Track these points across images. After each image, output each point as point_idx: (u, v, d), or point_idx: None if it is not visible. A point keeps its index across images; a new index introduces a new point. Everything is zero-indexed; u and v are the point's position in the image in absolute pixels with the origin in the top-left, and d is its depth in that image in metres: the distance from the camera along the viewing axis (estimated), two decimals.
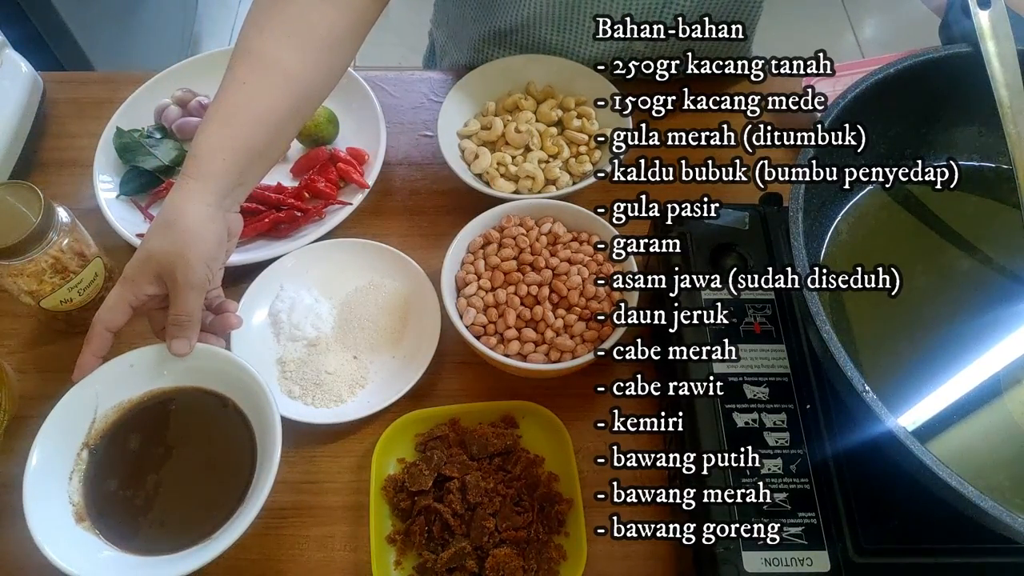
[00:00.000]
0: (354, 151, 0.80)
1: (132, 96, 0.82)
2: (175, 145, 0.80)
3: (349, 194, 0.77)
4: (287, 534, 0.60)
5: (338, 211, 0.75)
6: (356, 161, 0.79)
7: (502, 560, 0.55)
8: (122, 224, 0.73)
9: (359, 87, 0.84)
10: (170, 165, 0.79)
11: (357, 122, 0.83)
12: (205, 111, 0.74)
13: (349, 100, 0.83)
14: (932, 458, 0.40)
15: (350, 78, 0.84)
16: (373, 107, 0.82)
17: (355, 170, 0.78)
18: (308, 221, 0.75)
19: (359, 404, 0.65)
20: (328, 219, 0.75)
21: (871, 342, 0.54)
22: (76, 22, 1.48)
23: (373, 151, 0.79)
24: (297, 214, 0.75)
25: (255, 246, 0.75)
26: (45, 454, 0.55)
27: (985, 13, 0.56)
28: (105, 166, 0.77)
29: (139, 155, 0.78)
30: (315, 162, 0.79)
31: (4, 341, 0.70)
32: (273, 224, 0.75)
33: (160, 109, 0.82)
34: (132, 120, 0.81)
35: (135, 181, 0.77)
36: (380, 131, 0.80)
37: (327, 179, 0.77)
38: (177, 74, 0.85)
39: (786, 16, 2.03)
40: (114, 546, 0.54)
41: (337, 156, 0.79)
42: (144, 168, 0.77)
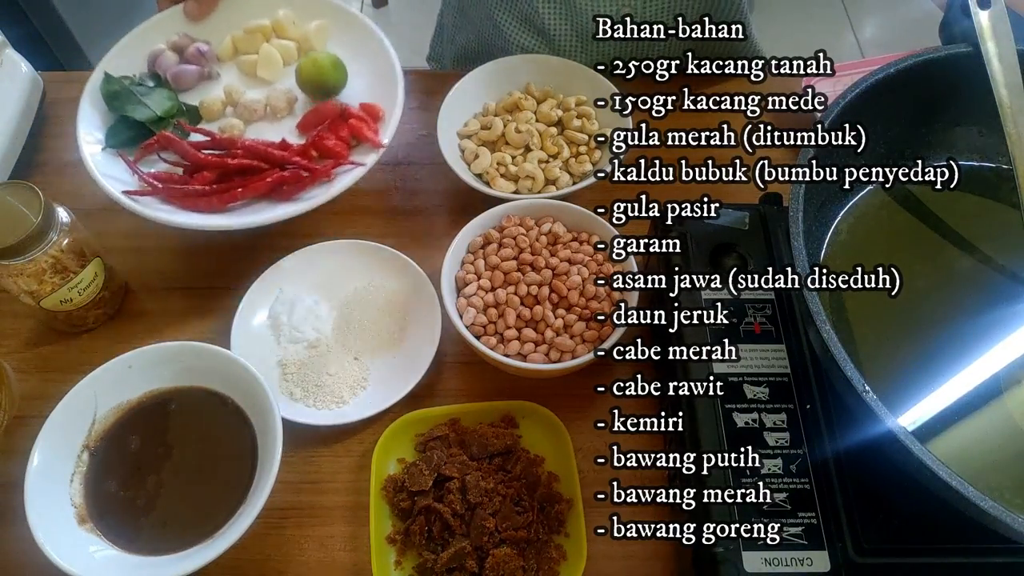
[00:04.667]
0: (368, 107, 0.72)
1: (122, 41, 0.76)
2: (169, 95, 0.74)
3: (361, 155, 0.70)
4: (287, 534, 0.60)
5: (348, 172, 0.68)
6: (371, 118, 0.71)
7: (502, 560, 0.55)
8: (108, 182, 0.66)
9: (370, 35, 0.76)
10: (163, 116, 0.71)
11: (370, 75, 0.75)
12: (203, 58, 0.74)
13: (358, 49, 0.76)
14: (932, 458, 0.40)
15: (359, 24, 0.77)
16: (387, 57, 0.74)
17: (368, 127, 0.70)
18: (315, 182, 0.68)
19: (360, 405, 0.65)
20: (337, 181, 0.67)
21: (871, 342, 0.54)
22: (76, 22, 1.48)
23: (389, 108, 0.71)
24: (303, 174, 0.67)
25: (255, 208, 0.68)
26: (45, 457, 0.55)
27: (985, 13, 0.56)
28: (91, 117, 0.71)
29: (129, 104, 0.71)
30: (324, 117, 0.71)
31: (4, 341, 0.70)
32: (276, 184, 0.67)
33: (154, 56, 0.76)
34: (122, 67, 0.74)
35: (123, 133, 0.70)
36: (396, 85, 0.71)
37: (337, 137, 0.69)
38: (172, 19, 0.78)
39: (786, 16, 2.03)
40: (116, 547, 0.54)
41: (349, 112, 0.71)
42: (134, 118, 0.70)
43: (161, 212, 0.66)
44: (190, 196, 0.67)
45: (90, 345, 0.69)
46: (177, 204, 0.67)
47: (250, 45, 0.78)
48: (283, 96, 0.75)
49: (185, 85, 0.76)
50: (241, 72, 0.79)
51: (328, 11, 0.80)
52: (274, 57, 0.77)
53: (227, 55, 0.79)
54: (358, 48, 0.76)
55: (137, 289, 0.73)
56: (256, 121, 0.75)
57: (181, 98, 0.75)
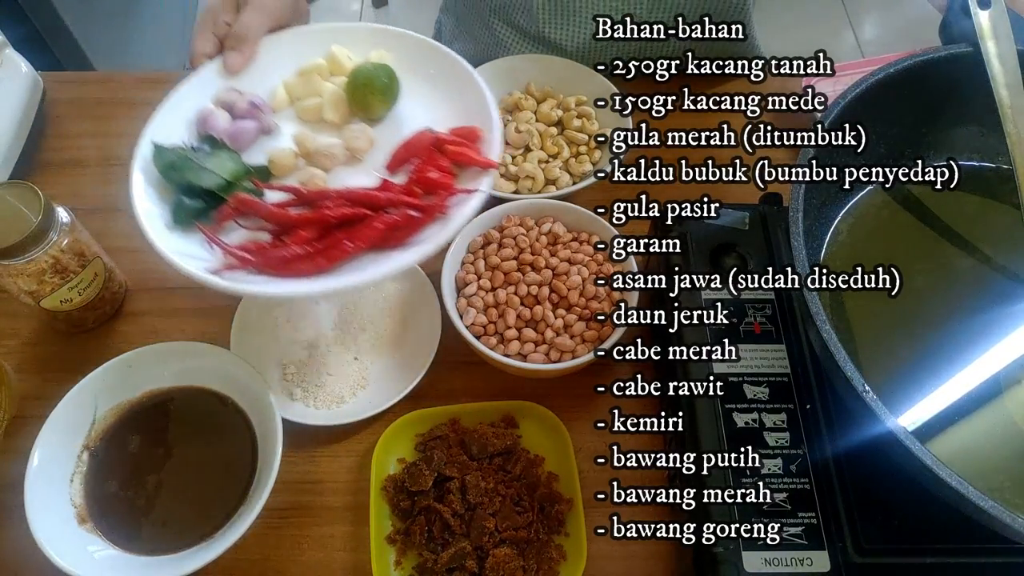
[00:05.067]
0: (461, 131, 0.63)
1: (162, 107, 0.65)
2: (231, 156, 0.64)
3: (464, 182, 0.61)
4: (287, 534, 0.60)
5: (463, 203, 0.59)
6: (469, 140, 0.63)
7: (502, 560, 0.55)
8: (186, 261, 0.55)
9: (435, 52, 0.68)
10: (231, 180, 0.62)
11: (442, 94, 0.67)
12: (259, 111, 0.65)
13: (422, 67, 0.68)
14: (932, 458, 0.40)
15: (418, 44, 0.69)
16: (462, 71, 0.66)
17: (471, 149, 0.62)
18: (431, 220, 0.58)
19: (360, 405, 0.65)
20: (454, 214, 0.58)
21: (871, 342, 0.54)
22: (76, 22, 1.48)
23: (481, 124, 0.63)
24: (413, 214, 0.58)
25: (366, 261, 0.57)
26: (45, 457, 0.55)
27: (985, 13, 0.56)
28: (148, 195, 0.60)
29: (190, 173, 0.61)
30: (415, 150, 0.63)
31: (4, 341, 0.70)
32: (388, 230, 0.58)
33: (202, 116, 0.65)
34: (165, 136, 0.63)
35: (190, 206, 0.60)
36: (484, 98, 0.64)
37: (438, 167, 0.61)
38: (210, 75, 0.67)
39: (786, 16, 2.03)
40: (116, 547, 0.54)
41: (443, 140, 0.62)
42: (199, 188, 0.60)
43: (261, 285, 0.55)
44: (291, 260, 0.56)
45: (90, 345, 0.69)
46: (274, 272, 0.57)
47: (307, 89, 0.69)
48: (362, 135, 0.65)
49: (244, 144, 0.66)
50: (300, 119, 0.68)
51: (379, 37, 0.70)
52: (342, 96, 0.68)
53: (281, 104, 0.68)
54: (422, 66, 0.68)
55: (137, 289, 0.73)
56: (334, 168, 0.65)
57: (244, 158, 0.65)
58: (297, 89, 0.69)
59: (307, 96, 0.69)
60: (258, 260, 0.57)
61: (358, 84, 0.65)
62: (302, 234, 0.58)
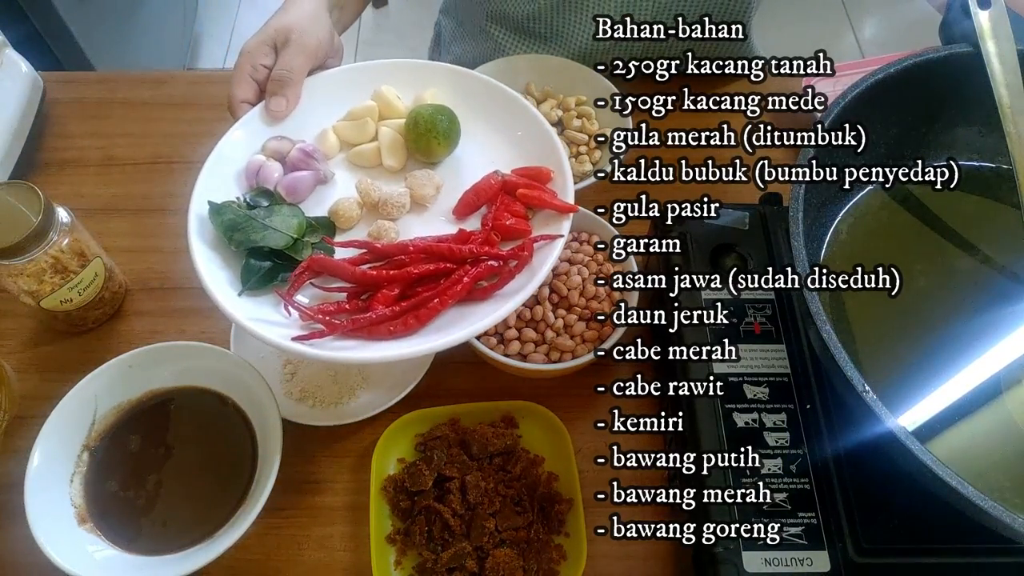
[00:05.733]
0: (528, 171, 0.61)
1: (209, 161, 0.60)
2: (292, 210, 0.60)
3: (540, 226, 0.59)
4: (287, 534, 0.60)
5: (546, 250, 0.57)
6: (538, 182, 0.60)
7: (502, 560, 0.55)
8: (262, 327, 0.53)
9: (487, 88, 0.65)
10: (298, 237, 0.58)
11: (501, 133, 0.65)
12: (313, 159, 0.62)
13: (469, 103, 0.65)
14: (932, 458, 0.40)
15: (470, 79, 0.67)
16: (519, 107, 0.64)
17: (545, 192, 0.59)
18: (520, 269, 0.56)
19: (360, 405, 0.65)
20: (541, 263, 0.56)
21: (871, 342, 0.54)
22: (76, 22, 1.48)
23: (550, 164, 0.61)
24: (494, 264, 0.56)
25: (450, 319, 0.55)
26: (46, 457, 0.55)
27: (985, 13, 0.56)
28: (209, 258, 0.57)
29: (254, 232, 0.57)
30: (485, 195, 0.60)
31: (4, 341, 0.70)
32: (473, 283, 0.55)
33: (253, 168, 0.61)
34: (214, 192, 0.59)
35: (259, 269, 0.57)
36: (550, 138, 0.61)
37: (512, 213, 0.59)
38: (255, 124, 0.63)
39: (786, 16, 2.03)
40: (116, 547, 0.54)
41: (513, 183, 0.60)
42: (267, 248, 0.57)
43: (353, 351, 0.53)
44: (380, 323, 0.54)
45: (90, 345, 0.69)
46: (362, 336, 0.54)
47: (359, 133, 0.65)
48: (429, 182, 0.62)
49: (301, 195, 0.62)
50: (353, 165, 0.65)
51: (426, 73, 0.68)
52: (399, 140, 0.65)
53: (332, 150, 0.65)
54: (474, 102, 0.66)
55: (137, 289, 0.73)
56: (400, 217, 0.62)
57: (305, 211, 0.62)
58: (348, 133, 0.65)
59: (359, 140, 0.65)
60: (346, 325, 0.54)
61: (420, 129, 0.62)
62: (387, 294, 0.56)
